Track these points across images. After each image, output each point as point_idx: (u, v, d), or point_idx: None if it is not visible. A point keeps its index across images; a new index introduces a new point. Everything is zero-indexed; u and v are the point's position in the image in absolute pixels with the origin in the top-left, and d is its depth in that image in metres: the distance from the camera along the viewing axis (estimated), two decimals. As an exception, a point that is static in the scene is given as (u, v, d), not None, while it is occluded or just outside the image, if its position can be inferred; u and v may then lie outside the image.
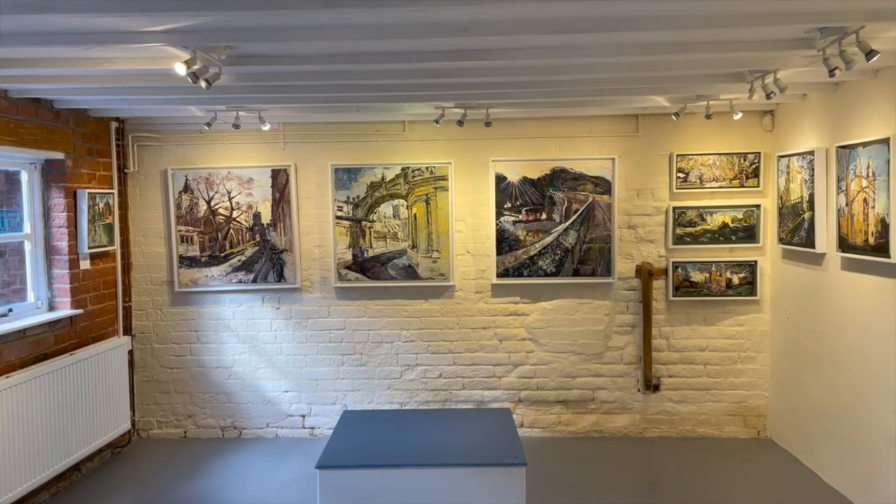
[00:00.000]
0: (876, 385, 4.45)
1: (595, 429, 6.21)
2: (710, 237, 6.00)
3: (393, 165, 6.12)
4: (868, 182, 4.37)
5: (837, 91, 4.87)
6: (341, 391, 6.29)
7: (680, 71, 4.18)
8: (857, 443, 4.68)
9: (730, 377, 6.10)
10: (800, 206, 5.28)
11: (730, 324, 6.07)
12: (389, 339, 6.25)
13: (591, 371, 6.20)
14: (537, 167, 6.09)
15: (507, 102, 5.22)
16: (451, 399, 6.25)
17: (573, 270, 6.10)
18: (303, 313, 6.25)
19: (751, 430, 6.12)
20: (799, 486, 5.10)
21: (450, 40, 3.42)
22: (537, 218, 6.11)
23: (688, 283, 6.03)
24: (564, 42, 3.53)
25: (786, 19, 3.11)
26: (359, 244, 6.16)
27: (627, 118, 6.06)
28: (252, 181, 6.17)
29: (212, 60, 3.48)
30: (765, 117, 5.94)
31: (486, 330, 6.23)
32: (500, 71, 4.10)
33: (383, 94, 4.77)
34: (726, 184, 5.97)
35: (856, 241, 4.53)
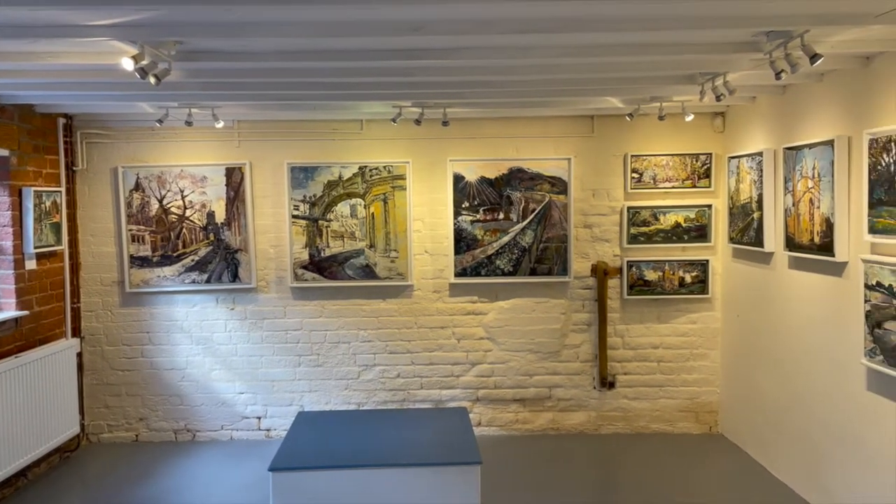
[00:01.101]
0: (822, 381, 4.58)
1: (552, 426, 6.26)
2: (664, 237, 6.10)
3: (350, 164, 6.08)
4: (814, 183, 4.49)
5: (785, 94, 5.00)
6: (298, 392, 6.23)
7: (632, 73, 4.25)
8: (805, 437, 4.81)
9: (682, 374, 6.21)
10: (749, 206, 5.40)
11: (682, 322, 6.18)
12: (347, 340, 6.21)
13: (547, 369, 6.25)
14: (495, 167, 6.11)
15: (464, 102, 5.23)
16: (409, 399, 6.23)
17: (530, 270, 6.15)
18: (258, 314, 6.17)
19: (703, 425, 6.24)
20: (749, 481, 5.22)
21: (403, 39, 3.41)
22: (495, 217, 6.14)
23: (642, 281, 6.13)
24: (517, 42, 3.55)
25: (733, 23, 3.18)
26: (316, 244, 6.11)
27: (583, 119, 6.13)
28: (206, 179, 6.06)
29: (161, 56, 3.41)
30: (716, 119, 6.07)
31: (444, 329, 6.23)
32: (455, 70, 4.10)
33: (339, 93, 4.74)
34: (679, 184, 6.08)
35: (802, 241, 4.65)
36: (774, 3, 3.00)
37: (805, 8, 3.04)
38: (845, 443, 4.32)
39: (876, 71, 3.97)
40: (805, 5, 3.02)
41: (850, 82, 4.21)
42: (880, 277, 3.80)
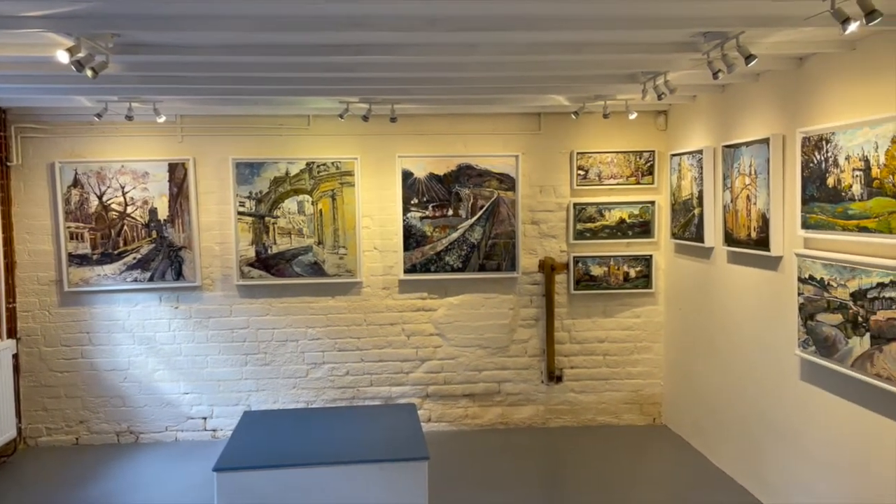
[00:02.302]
0: (759, 372, 4.73)
1: (500, 421, 6.32)
2: (609, 232, 6.21)
3: (297, 160, 6.02)
4: (751, 180, 4.63)
5: (724, 93, 5.14)
6: (245, 391, 6.14)
7: (576, 71, 4.31)
8: (743, 427, 4.97)
9: (627, 367, 6.34)
10: (690, 202, 5.54)
11: (627, 316, 6.31)
12: (295, 338, 6.15)
13: (496, 364, 6.30)
14: (444, 163, 6.13)
15: (412, 98, 5.23)
16: (359, 396, 6.21)
17: (479, 266, 6.19)
18: (203, 312, 6.06)
19: (647, 417, 6.38)
20: (690, 470, 5.36)
21: (347, 34, 3.39)
22: (444, 214, 6.16)
23: (588, 276, 6.23)
24: (462, 40, 3.57)
25: (672, 23, 3.26)
26: (262, 241, 6.03)
27: (530, 116, 6.19)
28: (147, 175, 5.92)
29: (98, 48, 3.31)
30: (658, 117, 6.21)
31: (393, 326, 6.23)
32: (402, 66, 4.10)
33: (285, 88, 4.68)
34: (623, 181, 6.20)
35: (740, 236, 4.80)
36: (710, 4, 3.09)
37: (739, 10, 3.13)
38: (781, 431, 4.48)
39: (808, 72, 4.11)
40: (739, 7, 3.11)
41: (785, 82, 4.35)
42: (812, 271, 3.95)
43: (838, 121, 3.75)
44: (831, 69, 3.90)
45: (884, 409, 3.51)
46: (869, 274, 3.49)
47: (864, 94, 3.62)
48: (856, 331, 3.60)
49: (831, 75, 3.90)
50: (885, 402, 3.48)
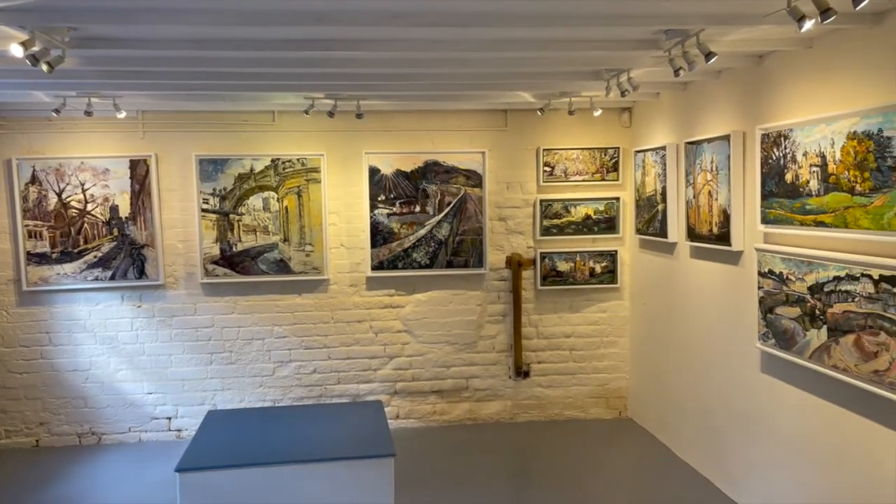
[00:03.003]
0: (721, 364, 4.81)
1: (469, 416, 6.34)
2: (575, 228, 6.26)
3: (262, 157, 5.96)
4: (712, 176, 4.70)
5: (686, 90, 5.21)
6: (210, 391, 6.07)
7: (541, 68, 4.33)
8: (706, 419, 5.05)
9: (593, 361, 6.40)
10: (654, 198, 5.61)
11: (593, 311, 6.37)
12: (261, 336, 6.09)
13: (464, 360, 6.32)
14: (410, 160, 6.12)
15: (378, 94, 5.21)
16: (326, 394, 6.18)
17: (447, 262, 6.19)
18: (167, 311, 5.97)
19: (613, 410, 6.46)
20: (655, 463, 5.44)
21: (312, 29, 3.37)
22: (411, 210, 6.15)
23: (555, 272, 6.27)
24: (427, 36, 3.56)
25: (634, 21, 3.29)
26: (227, 238, 5.96)
27: (496, 113, 6.21)
28: (108, 172, 5.81)
29: (53, 42, 3.24)
30: (623, 114, 6.27)
31: (361, 323, 6.20)
32: (368, 62, 4.08)
33: (249, 83, 4.62)
34: (589, 177, 6.25)
35: (702, 231, 4.87)
36: (671, 2, 3.12)
37: (699, 8, 3.17)
38: (742, 423, 4.56)
39: (767, 69, 4.19)
40: (699, 5, 3.15)
41: (744, 80, 4.43)
42: (772, 265, 4.03)
43: (796, 118, 3.83)
44: (789, 67, 3.97)
45: (840, 400, 3.59)
46: (826, 268, 3.57)
47: (820, 91, 3.70)
48: (813, 323, 3.68)
49: (789, 73, 3.97)
50: (841, 393, 3.57)
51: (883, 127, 3.14)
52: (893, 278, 3.12)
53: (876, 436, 3.35)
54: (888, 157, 3.12)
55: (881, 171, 3.16)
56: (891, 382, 3.15)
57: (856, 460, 3.50)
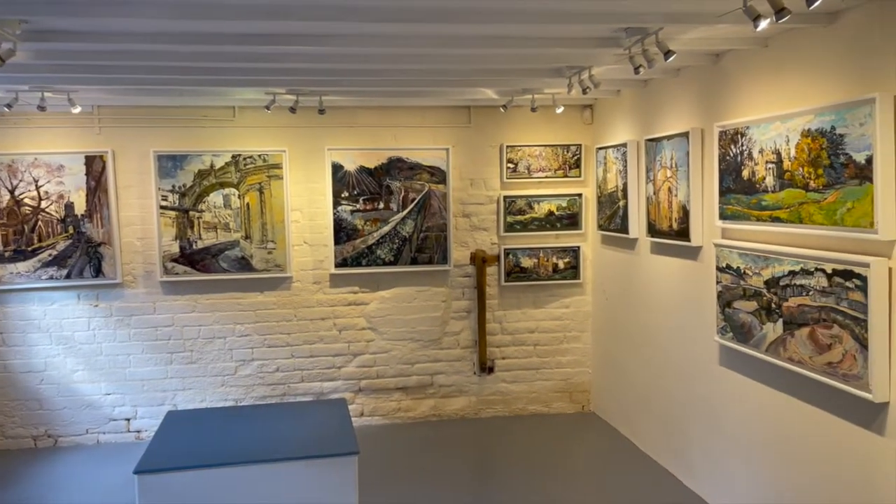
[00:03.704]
0: (681, 358, 4.89)
1: (433, 413, 6.34)
2: (538, 225, 6.30)
3: (222, 153, 5.87)
4: (672, 172, 4.78)
5: (646, 88, 5.28)
6: (170, 391, 5.97)
7: (504, 65, 4.34)
8: (666, 412, 5.13)
9: (557, 356, 6.46)
10: (616, 194, 5.67)
11: (556, 306, 6.42)
12: (222, 335, 6.01)
13: (429, 357, 6.32)
14: (374, 156, 6.09)
15: (341, 90, 5.17)
16: (290, 392, 6.13)
17: (411, 259, 6.18)
18: (125, 310, 5.85)
19: (576, 405, 6.52)
20: (618, 455, 5.51)
21: (273, 24, 3.33)
22: (375, 207, 6.12)
23: (518, 268, 6.31)
24: (389, 31, 3.55)
25: (594, 18, 3.32)
26: (187, 236, 5.86)
27: (460, 109, 6.21)
28: (63, 169, 5.67)
29: (4, 35, 3.15)
30: (585, 111, 6.33)
31: (324, 321, 6.16)
32: (329, 57, 4.05)
33: (209, 78, 4.55)
34: (552, 174, 6.30)
35: (662, 227, 4.94)
36: (631, 1, 3.16)
37: (658, 6, 3.21)
38: (702, 415, 4.65)
39: (724, 68, 4.26)
40: (658, 4, 3.19)
41: (703, 78, 4.50)
42: (729, 260, 4.10)
43: (752, 115, 3.90)
44: (745, 65, 4.05)
45: (795, 392, 3.68)
46: (781, 262, 3.65)
47: (775, 89, 3.78)
48: (769, 317, 3.77)
49: (745, 71, 4.05)
50: (796, 385, 3.66)
51: (836, 125, 3.22)
52: (846, 272, 3.21)
53: (830, 426, 3.44)
54: (841, 154, 3.20)
55: (834, 167, 3.25)
56: (844, 374, 3.24)
57: (812, 450, 3.59)
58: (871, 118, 3.00)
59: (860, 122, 3.07)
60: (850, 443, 3.30)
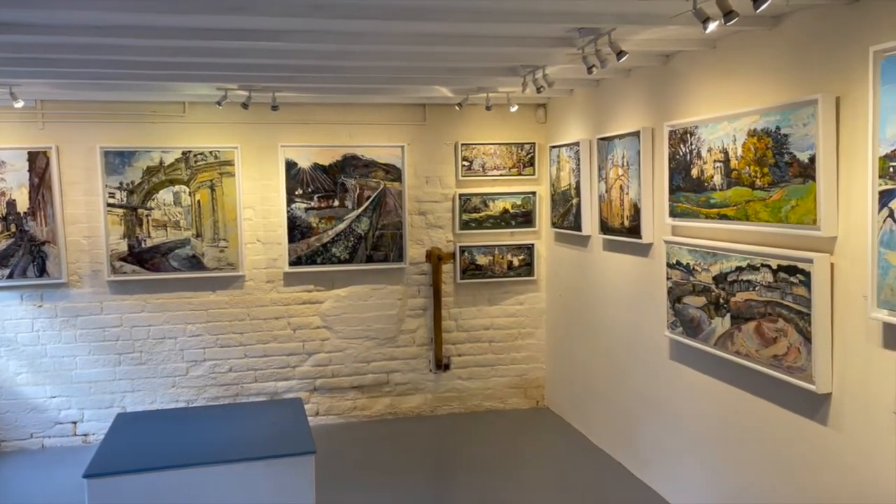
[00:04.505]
0: (633, 353, 4.99)
1: (389, 411, 6.33)
2: (493, 222, 6.35)
3: (172, 149, 5.75)
4: (623, 171, 4.86)
5: (598, 87, 5.36)
6: (119, 393, 5.83)
7: (459, 63, 4.36)
8: (619, 406, 5.23)
9: (512, 353, 6.51)
10: (569, 192, 5.75)
11: (511, 303, 6.48)
12: (173, 335, 5.89)
13: (385, 355, 6.31)
14: (329, 153, 6.05)
15: (294, 86, 5.11)
16: (243, 393, 6.04)
17: (366, 257, 6.16)
18: (71, 310, 5.69)
19: (531, 400, 6.59)
20: (571, 450, 5.59)
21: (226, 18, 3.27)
22: (330, 205, 6.08)
23: (474, 266, 6.34)
24: (346, 28, 3.52)
25: (548, 18, 3.36)
26: (135, 234, 5.72)
27: (415, 107, 6.21)
28: (4, 165, 5.48)
29: (-59, 25, 3.03)
30: (538, 110, 6.40)
31: (278, 320, 6.09)
32: (284, 53, 4.00)
33: (158, 73, 4.44)
34: (506, 172, 6.35)
35: (614, 224, 5.03)
36: (584, 1, 3.20)
37: (610, 7, 3.27)
38: (653, 409, 4.75)
39: (674, 68, 4.36)
40: (610, 5, 3.24)
41: (653, 78, 4.60)
42: (679, 257, 4.20)
43: (701, 115, 4.00)
44: (694, 66, 4.15)
45: (743, 384, 3.79)
46: (729, 258, 3.76)
47: (723, 90, 3.88)
48: (718, 312, 3.87)
49: (694, 72, 4.15)
50: (744, 378, 3.77)
51: (780, 125, 3.33)
52: (790, 268, 3.32)
53: (776, 417, 3.55)
54: (785, 153, 3.31)
55: (779, 166, 3.35)
56: (789, 366, 3.35)
57: (759, 441, 3.71)
58: (813, 119, 3.11)
59: (803, 122, 3.18)
60: (796, 433, 3.42)
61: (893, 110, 2.69)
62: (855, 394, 3.06)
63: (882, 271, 2.79)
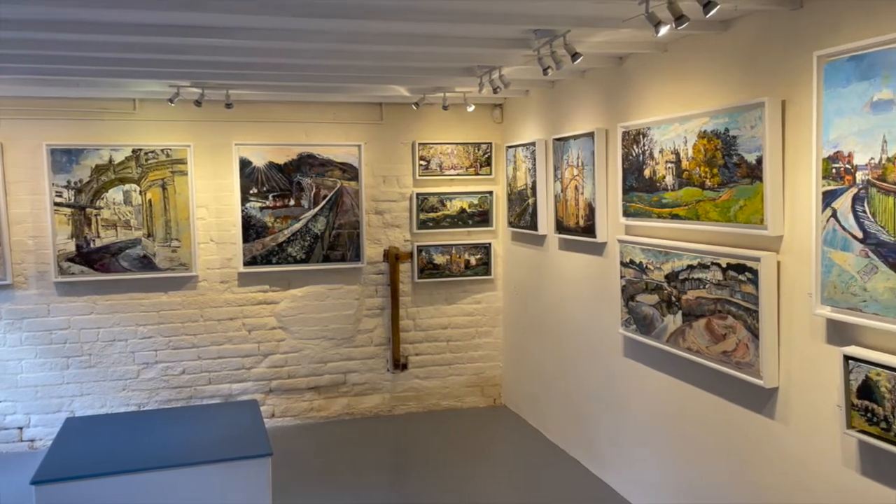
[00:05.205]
0: (588, 350, 5.06)
1: (346, 411, 6.30)
2: (450, 222, 6.36)
3: (122, 147, 5.62)
4: (578, 171, 4.93)
5: (554, 88, 5.42)
6: (67, 397, 5.67)
7: (416, 63, 4.36)
8: (574, 403, 5.30)
9: (469, 351, 6.54)
10: (525, 192, 5.80)
11: (469, 302, 6.51)
12: (124, 337, 5.75)
13: (342, 355, 6.27)
14: (284, 152, 5.98)
15: (249, 84, 5.05)
16: (197, 395, 5.94)
17: (323, 256, 6.11)
18: (16, 313, 5.51)
19: (488, 398, 6.63)
20: (528, 446, 5.65)
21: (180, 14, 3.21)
22: (285, 204, 6.02)
23: (431, 265, 6.35)
24: (302, 26, 3.49)
25: (505, 19, 3.39)
26: (84, 234, 5.58)
27: (372, 106, 6.19)
28: (-56, 162, 5.28)
29: None
30: (495, 110, 6.44)
31: (233, 321, 6.00)
32: (238, 51, 3.95)
33: (108, 69, 4.35)
34: (463, 171, 6.37)
35: (570, 224, 5.10)
36: (539, 3, 3.24)
37: (565, 9, 3.31)
38: (607, 405, 4.82)
39: (627, 70, 4.44)
40: (565, 7, 3.29)
41: (607, 80, 4.67)
42: (633, 256, 4.28)
43: (653, 117, 4.08)
44: (647, 69, 4.23)
45: (694, 380, 3.88)
46: (680, 257, 3.84)
47: (674, 92, 3.97)
48: (670, 309, 3.95)
49: (647, 74, 4.23)
50: (695, 373, 3.86)
51: (729, 127, 3.42)
52: (739, 266, 3.41)
53: (727, 411, 3.65)
54: (734, 154, 3.40)
55: (728, 167, 3.44)
56: (737, 362, 3.44)
57: (710, 435, 3.80)
58: (760, 121, 3.20)
59: (751, 124, 3.27)
60: (745, 426, 3.52)
61: (836, 113, 2.79)
62: (800, 388, 3.16)
63: (825, 269, 2.88)
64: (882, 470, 2.76)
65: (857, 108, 2.70)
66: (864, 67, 2.66)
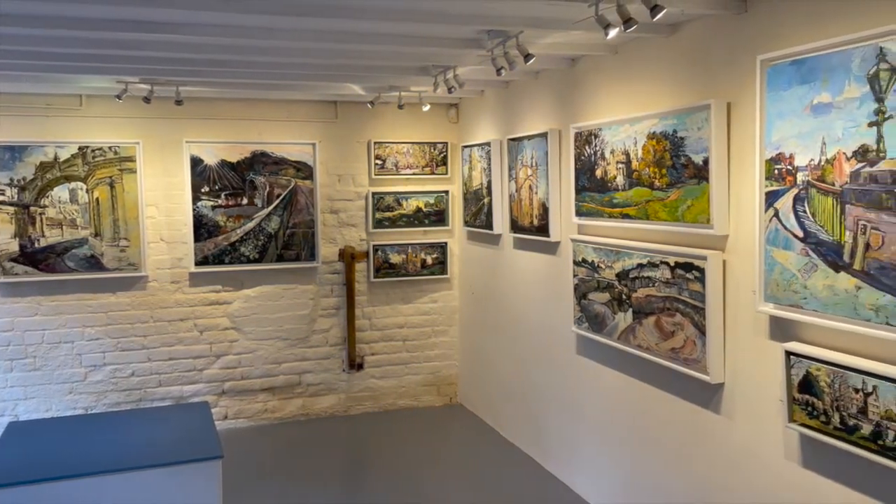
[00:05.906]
0: (541, 349, 5.11)
1: (302, 412, 6.25)
2: (407, 221, 6.36)
3: (68, 144, 5.47)
4: (532, 171, 4.97)
5: (508, 89, 5.46)
6: (11, 401, 5.50)
7: (371, 61, 4.35)
8: (528, 400, 5.35)
9: (425, 350, 6.55)
10: (480, 191, 5.83)
11: (425, 301, 6.51)
12: (70, 339, 5.60)
13: (297, 355, 6.21)
14: (237, 150, 5.90)
15: (200, 81, 4.96)
16: (147, 398, 5.82)
17: (277, 256, 6.04)
18: (-45, 315, 5.33)
19: (444, 397, 6.65)
20: (483, 444, 5.68)
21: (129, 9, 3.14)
22: (238, 203, 5.93)
23: (387, 265, 6.33)
24: (254, 23, 3.45)
25: (458, 19, 3.40)
26: (28, 233, 5.41)
27: (327, 104, 6.14)
28: None
29: None
30: (450, 110, 6.45)
31: (184, 322, 5.90)
32: (187, 47, 3.88)
33: (53, 64, 4.23)
34: (419, 171, 6.38)
35: (524, 223, 5.14)
36: (493, 4, 3.26)
37: (518, 10, 3.34)
38: (561, 402, 4.88)
39: (579, 72, 4.49)
40: (518, 7, 3.31)
41: (560, 81, 4.72)
42: (585, 254, 4.33)
43: (604, 118, 4.14)
44: (598, 70, 4.29)
45: (644, 376, 3.95)
46: (631, 256, 3.91)
47: (625, 93, 4.03)
48: (621, 307, 4.02)
49: (598, 76, 4.29)
50: (645, 370, 3.93)
51: (677, 128, 3.49)
52: (686, 265, 3.48)
53: (675, 407, 3.72)
54: (681, 155, 3.47)
55: (676, 168, 3.51)
56: (685, 358, 3.51)
57: (660, 430, 3.87)
58: (707, 123, 3.28)
59: (698, 126, 3.35)
60: (692, 421, 3.59)
61: (778, 116, 2.87)
62: (745, 383, 3.24)
63: (768, 267, 2.96)
64: (821, 462, 2.85)
65: (797, 110, 2.78)
66: (805, 71, 2.74)
